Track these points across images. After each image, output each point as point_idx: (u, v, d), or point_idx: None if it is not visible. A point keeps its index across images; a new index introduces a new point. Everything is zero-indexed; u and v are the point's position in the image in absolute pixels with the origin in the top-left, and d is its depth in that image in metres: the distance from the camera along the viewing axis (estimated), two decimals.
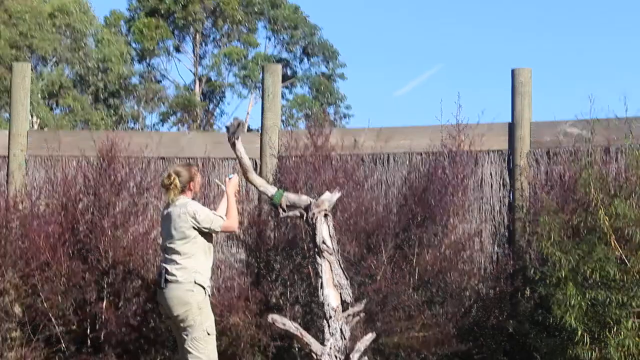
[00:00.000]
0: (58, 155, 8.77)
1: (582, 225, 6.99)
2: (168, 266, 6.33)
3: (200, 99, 31.81)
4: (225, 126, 6.58)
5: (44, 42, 24.70)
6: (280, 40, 32.97)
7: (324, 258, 6.31)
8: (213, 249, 6.51)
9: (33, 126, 22.37)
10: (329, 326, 6.17)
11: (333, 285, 6.26)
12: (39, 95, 24.51)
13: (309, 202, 6.45)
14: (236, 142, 6.33)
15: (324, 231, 6.39)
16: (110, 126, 26.92)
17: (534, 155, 8.19)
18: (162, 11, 30.71)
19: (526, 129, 8.23)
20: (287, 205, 6.50)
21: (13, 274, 7.78)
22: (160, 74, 32.42)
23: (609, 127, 7.81)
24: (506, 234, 8.19)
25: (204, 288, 6.32)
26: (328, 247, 6.33)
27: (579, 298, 6.46)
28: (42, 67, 26.24)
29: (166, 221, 6.43)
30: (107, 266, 7.78)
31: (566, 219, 7.01)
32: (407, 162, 8.45)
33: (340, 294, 6.26)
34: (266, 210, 8.24)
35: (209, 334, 6.33)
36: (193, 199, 6.54)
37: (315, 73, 32.97)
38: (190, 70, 32.62)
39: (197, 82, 32.16)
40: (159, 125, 31.55)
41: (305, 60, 33.14)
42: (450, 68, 55.17)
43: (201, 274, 6.32)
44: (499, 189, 8.31)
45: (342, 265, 6.37)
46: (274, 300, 8.04)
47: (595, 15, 57.16)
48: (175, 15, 30.65)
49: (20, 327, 7.84)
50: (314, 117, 10.97)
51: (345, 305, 6.29)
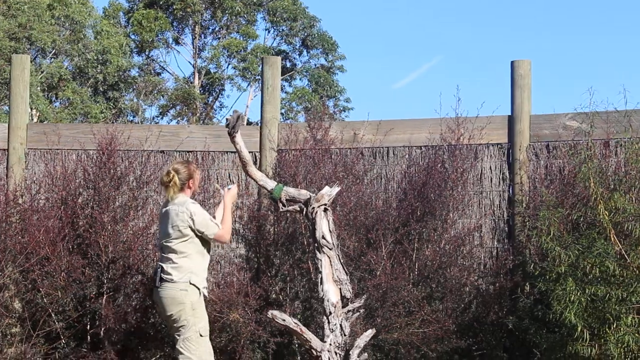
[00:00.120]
0: (57, 149, 8.75)
1: (582, 219, 7.00)
2: (164, 265, 6.31)
3: (200, 91, 31.73)
4: (225, 119, 6.54)
5: (43, 34, 24.61)
6: (279, 31, 32.88)
7: (324, 253, 6.29)
8: (210, 250, 6.48)
9: (32, 119, 22.32)
10: (329, 322, 6.15)
11: (333, 281, 6.24)
12: (38, 88, 24.44)
13: (309, 197, 6.42)
14: (236, 136, 6.29)
15: (324, 226, 6.36)
16: (110, 119, 26.86)
17: (534, 149, 8.18)
18: (161, 2, 30.63)
19: (525, 122, 8.22)
20: (287, 200, 6.46)
21: (13, 269, 7.77)
22: (160, 66, 32.35)
23: (609, 120, 7.80)
24: (506, 228, 8.18)
25: (199, 289, 6.29)
26: (328, 242, 6.31)
27: (579, 294, 6.45)
28: (41, 59, 26.17)
29: (164, 219, 6.40)
30: (107, 261, 7.77)
31: (566, 214, 7.01)
32: (407, 156, 8.44)
33: (340, 289, 6.24)
34: (266, 204, 8.23)
35: (201, 336, 6.27)
36: (192, 195, 6.52)
37: (315, 65, 32.89)
38: (189, 62, 32.55)
39: (197, 75, 32.08)
40: (159, 118, 31.49)
41: (305, 53, 33.06)
42: (450, 60, 55.13)
43: (196, 274, 6.29)
44: (499, 183, 8.30)
45: (342, 261, 6.35)
46: (274, 295, 8.04)
47: (594, 12, 57.10)
48: (174, 7, 30.56)
49: (20, 323, 7.83)
50: (314, 110, 10.93)
51: (345, 300, 6.27)
